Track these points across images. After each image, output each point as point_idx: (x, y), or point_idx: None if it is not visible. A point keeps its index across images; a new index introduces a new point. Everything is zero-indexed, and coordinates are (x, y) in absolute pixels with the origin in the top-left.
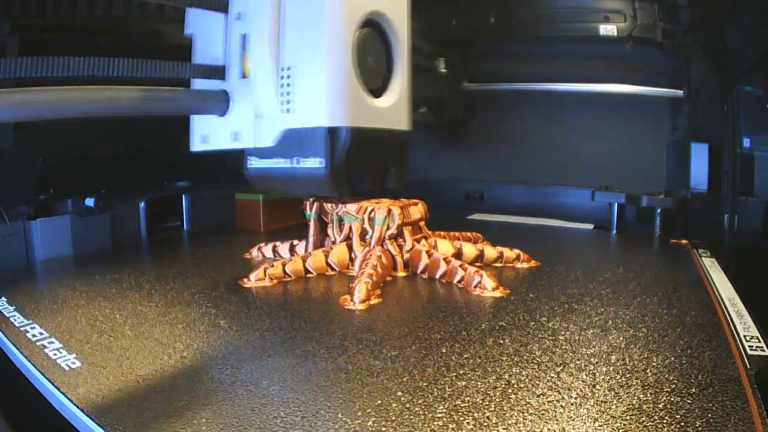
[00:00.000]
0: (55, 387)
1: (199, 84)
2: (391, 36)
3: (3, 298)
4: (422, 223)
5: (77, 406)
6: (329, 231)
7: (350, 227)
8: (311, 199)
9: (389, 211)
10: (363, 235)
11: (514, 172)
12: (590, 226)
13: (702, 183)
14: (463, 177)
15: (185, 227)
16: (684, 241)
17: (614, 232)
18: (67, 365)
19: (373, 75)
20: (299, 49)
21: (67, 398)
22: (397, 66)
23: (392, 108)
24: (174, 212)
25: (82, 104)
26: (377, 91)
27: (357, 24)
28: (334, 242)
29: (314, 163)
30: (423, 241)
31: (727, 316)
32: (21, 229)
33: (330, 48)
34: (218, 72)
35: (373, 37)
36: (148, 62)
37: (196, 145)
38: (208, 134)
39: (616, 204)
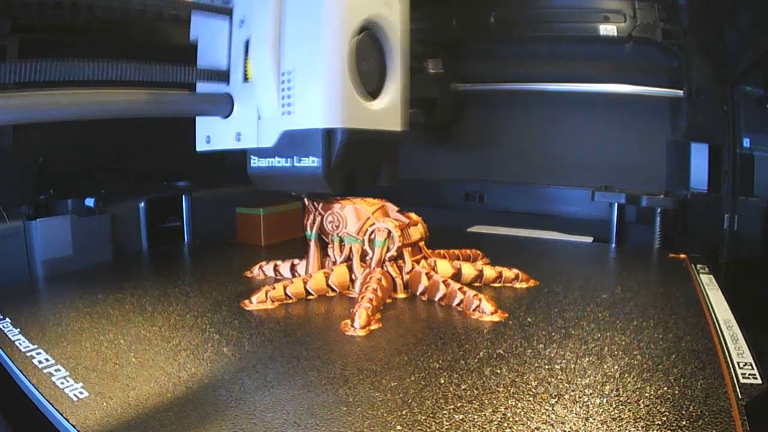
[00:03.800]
0: (65, 419)
1: (203, 87)
2: (385, 41)
3: (7, 320)
4: (422, 244)
5: None
6: (330, 251)
7: (350, 248)
8: (312, 220)
9: (389, 233)
10: (363, 256)
11: (514, 172)
12: (589, 239)
13: (702, 183)
14: (464, 177)
15: (186, 228)
16: (682, 256)
17: (613, 245)
18: (74, 395)
19: (369, 78)
20: (299, 54)
21: (77, 430)
22: (391, 70)
23: (386, 110)
24: (174, 212)
25: (91, 107)
26: (373, 94)
27: (353, 30)
28: (334, 262)
29: (311, 162)
30: (423, 262)
31: (722, 341)
32: (21, 229)
33: (328, 54)
34: (222, 76)
35: (368, 42)
36: (155, 66)
37: (201, 146)
38: (212, 135)
39: (616, 204)
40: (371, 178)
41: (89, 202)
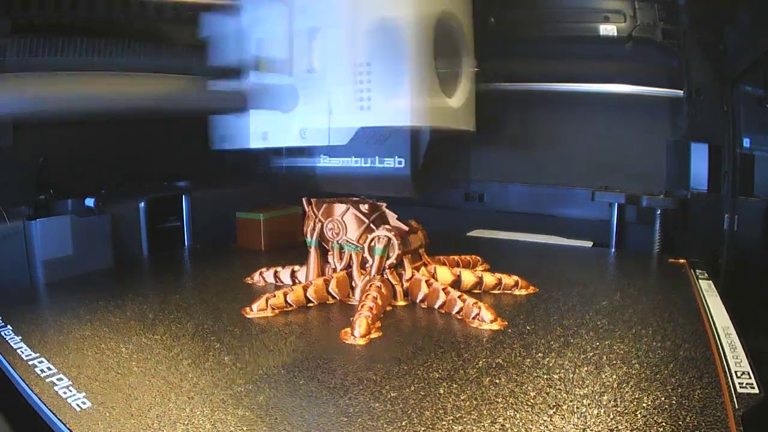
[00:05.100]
0: (69, 429)
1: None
2: (459, 36)
3: (8, 327)
4: (422, 251)
5: None
6: (330, 258)
7: (350, 256)
8: (312, 227)
9: (389, 240)
10: (363, 263)
11: (514, 172)
12: (589, 244)
13: (702, 183)
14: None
15: (186, 229)
16: (682, 261)
17: (613, 250)
18: (77, 405)
19: (446, 75)
20: (379, 45)
21: None
22: (465, 66)
23: (462, 108)
24: (174, 212)
25: (140, 94)
26: (448, 92)
27: (434, 23)
28: (334, 270)
29: (396, 163)
30: (423, 269)
31: (720, 349)
32: (21, 229)
33: (413, 46)
34: (284, 66)
35: (444, 36)
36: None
37: (256, 142)
38: (270, 131)
39: (616, 204)
40: (446, 179)
41: (89, 202)
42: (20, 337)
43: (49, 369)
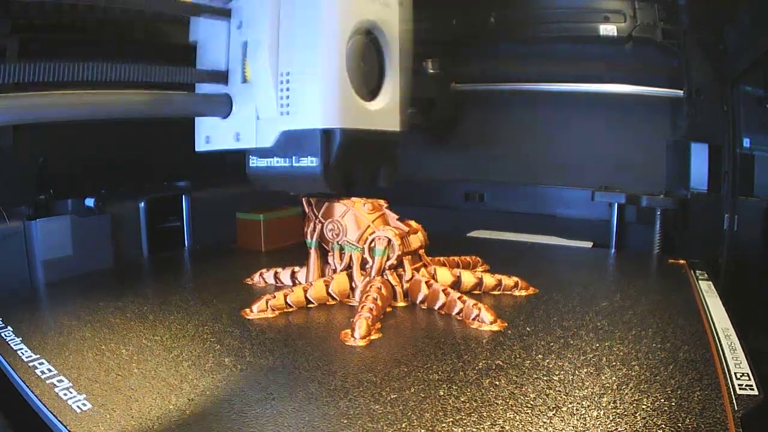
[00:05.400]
0: (69, 431)
1: (203, 88)
2: (384, 42)
3: (9, 328)
4: (422, 252)
5: None
6: (330, 259)
7: (351, 256)
8: (312, 228)
9: (389, 241)
10: (363, 264)
11: (514, 172)
12: (589, 244)
13: (702, 183)
14: (464, 177)
15: (186, 229)
16: (681, 261)
17: (613, 250)
18: (78, 407)
19: (367, 79)
20: (297, 55)
21: None
22: (390, 70)
23: (383, 110)
24: (174, 212)
25: (91, 108)
26: (371, 94)
27: (351, 31)
28: (334, 270)
29: (309, 162)
30: (423, 270)
31: (720, 351)
32: (21, 229)
33: (325, 55)
34: (221, 77)
35: (365, 43)
36: (155, 67)
37: (201, 146)
38: (212, 135)
39: (616, 204)
40: (370, 178)
41: (89, 202)
42: (20, 339)
43: (50, 370)
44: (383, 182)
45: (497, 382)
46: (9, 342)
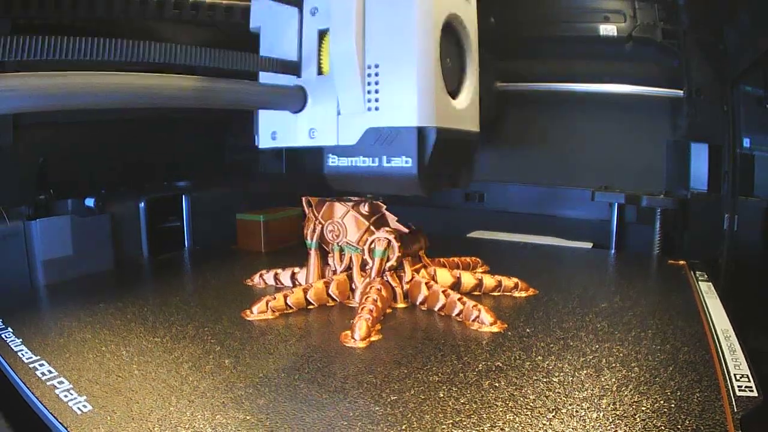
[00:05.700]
0: None
1: (265, 78)
2: (464, 37)
3: (9, 329)
4: (422, 253)
5: None
6: (330, 260)
7: (350, 258)
8: (312, 229)
9: (389, 242)
10: (363, 266)
11: (514, 172)
12: (589, 245)
13: (702, 183)
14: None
15: (186, 229)
16: (681, 262)
17: (612, 251)
18: (78, 408)
19: (451, 76)
20: (387, 47)
21: None
22: (470, 67)
23: (467, 109)
24: (174, 212)
25: (139, 92)
26: (453, 93)
27: (442, 24)
28: (334, 272)
29: (403, 162)
30: (423, 271)
31: (720, 352)
32: (21, 230)
33: (421, 47)
34: (293, 67)
35: (450, 39)
36: (218, 51)
37: (266, 142)
38: (279, 131)
39: (616, 204)
40: (451, 179)
41: (89, 202)
42: (21, 340)
43: (50, 372)
44: (461, 184)
45: (497, 384)
46: (9, 343)
